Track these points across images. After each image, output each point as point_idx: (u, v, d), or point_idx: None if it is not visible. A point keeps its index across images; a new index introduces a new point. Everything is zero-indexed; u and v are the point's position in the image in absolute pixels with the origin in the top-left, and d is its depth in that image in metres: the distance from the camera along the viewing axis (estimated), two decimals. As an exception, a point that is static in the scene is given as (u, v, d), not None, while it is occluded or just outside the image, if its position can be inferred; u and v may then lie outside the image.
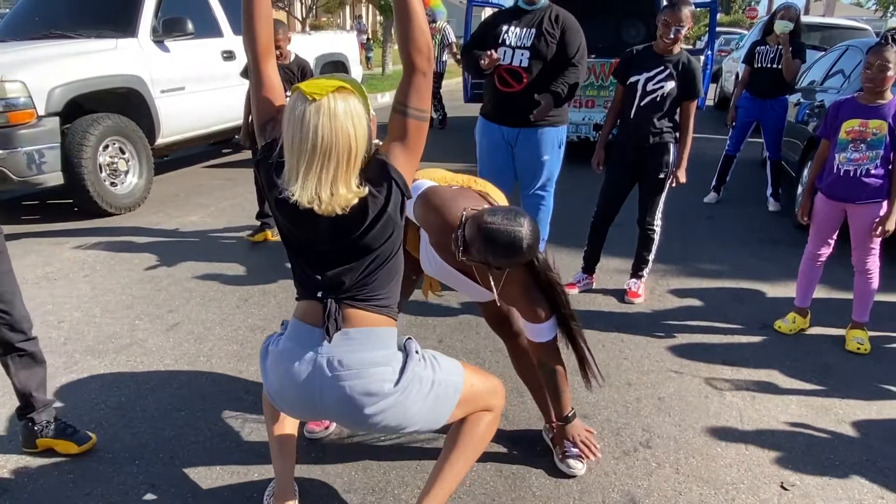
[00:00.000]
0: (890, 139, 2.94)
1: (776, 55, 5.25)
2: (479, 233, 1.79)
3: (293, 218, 1.57)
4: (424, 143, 1.64)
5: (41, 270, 3.97)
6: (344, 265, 1.61)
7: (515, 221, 1.79)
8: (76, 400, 2.61)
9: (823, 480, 2.22)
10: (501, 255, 1.79)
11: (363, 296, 1.63)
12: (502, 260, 1.82)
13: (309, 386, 1.62)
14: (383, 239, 1.59)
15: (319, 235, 1.58)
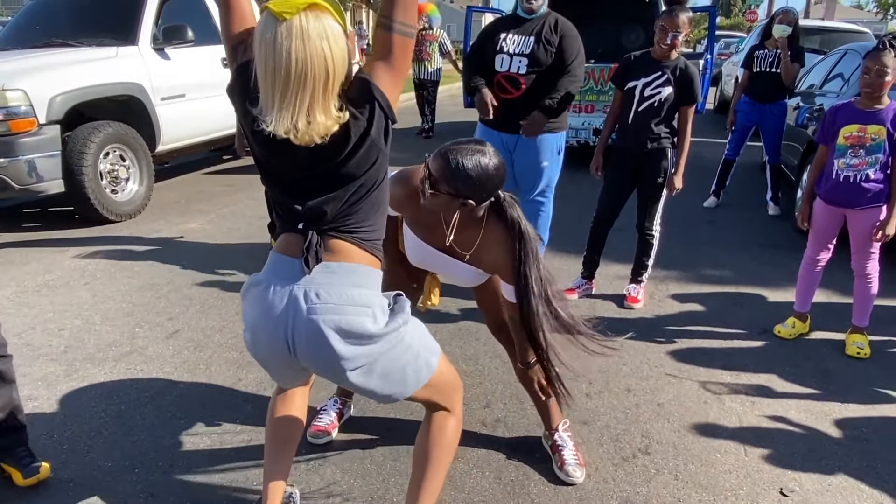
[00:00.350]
0: (888, 144, 2.94)
1: (775, 59, 5.26)
2: (444, 159, 1.74)
3: (270, 148, 1.48)
4: (410, 62, 1.57)
5: (42, 278, 3.98)
6: (325, 194, 1.50)
7: (479, 144, 1.77)
8: (76, 408, 2.61)
9: (823, 486, 2.22)
10: (466, 177, 1.73)
11: (347, 227, 1.53)
12: (470, 183, 1.74)
13: (283, 321, 1.50)
14: (367, 165, 1.48)
15: (299, 164, 1.48)
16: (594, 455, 2.36)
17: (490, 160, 1.75)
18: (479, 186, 1.75)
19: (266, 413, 1.92)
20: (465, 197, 1.76)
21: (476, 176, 1.73)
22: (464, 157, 1.73)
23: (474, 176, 1.73)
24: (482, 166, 1.74)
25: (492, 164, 1.76)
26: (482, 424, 2.54)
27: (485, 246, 1.94)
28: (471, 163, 1.73)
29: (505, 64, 3.64)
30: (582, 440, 2.44)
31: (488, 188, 1.77)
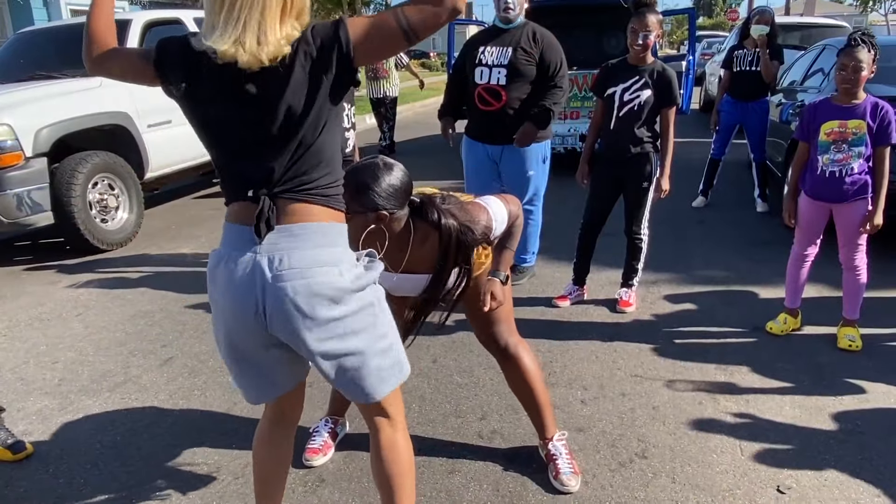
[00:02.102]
0: (869, 137, 2.98)
1: (754, 58, 5.31)
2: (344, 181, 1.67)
3: (210, 92, 1.42)
4: (388, 54, 1.54)
5: (34, 311, 3.98)
6: (270, 153, 1.43)
7: (373, 159, 1.76)
8: (71, 441, 2.60)
9: (819, 482, 2.23)
10: (366, 190, 1.69)
11: (300, 186, 1.45)
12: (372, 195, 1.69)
13: (251, 292, 1.45)
14: (311, 112, 1.41)
15: (243, 112, 1.41)
16: (591, 462, 2.37)
17: (384, 168, 1.73)
18: (381, 196, 1.72)
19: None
20: (374, 209, 1.72)
21: (374, 186, 1.70)
22: (359, 175, 1.72)
23: (374, 187, 1.70)
24: (378, 176, 1.71)
25: (387, 171, 1.73)
26: (479, 436, 2.54)
27: (417, 250, 1.92)
28: (367, 177, 1.71)
29: (485, 76, 3.68)
30: (578, 447, 2.44)
31: (392, 194, 1.73)
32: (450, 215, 1.85)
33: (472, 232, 1.86)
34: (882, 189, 3.00)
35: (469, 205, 1.94)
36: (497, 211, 1.96)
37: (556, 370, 3.03)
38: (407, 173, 1.79)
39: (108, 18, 1.61)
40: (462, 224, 1.85)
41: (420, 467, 2.36)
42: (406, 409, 2.71)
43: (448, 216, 1.84)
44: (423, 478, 2.31)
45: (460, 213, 1.88)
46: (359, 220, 1.74)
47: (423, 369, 3.06)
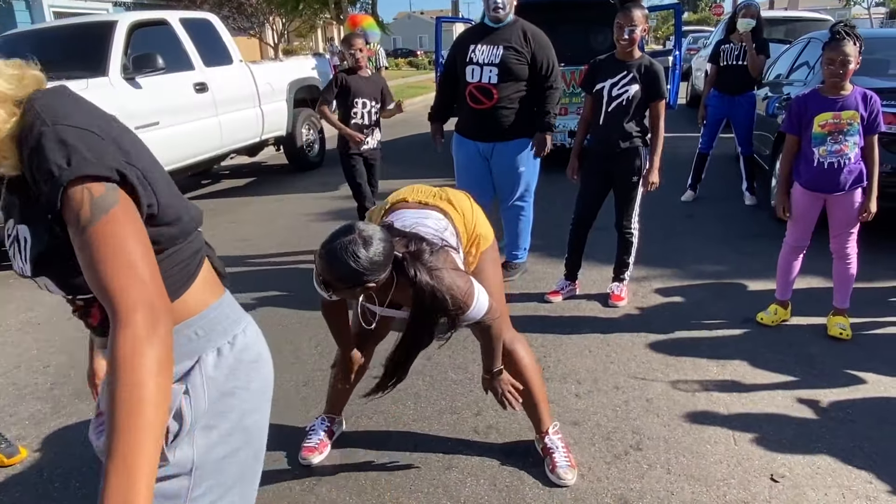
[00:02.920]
0: (861, 127, 3.02)
1: (740, 52, 5.35)
2: (325, 262, 1.69)
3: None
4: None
5: (24, 315, 3.95)
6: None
7: (348, 232, 1.68)
8: (65, 445, 2.59)
9: (812, 470, 2.26)
10: (351, 272, 1.66)
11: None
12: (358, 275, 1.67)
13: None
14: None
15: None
16: (586, 455, 2.38)
17: (363, 244, 1.66)
18: (366, 274, 1.68)
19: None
20: (360, 285, 1.70)
21: (357, 268, 1.66)
22: (338, 258, 1.66)
23: (357, 269, 1.66)
24: (358, 257, 1.65)
25: (367, 247, 1.66)
26: (474, 432, 2.55)
27: (399, 292, 1.86)
28: (348, 259, 1.65)
29: (476, 75, 3.69)
30: (574, 441, 2.46)
31: (376, 269, 1.69)
32: (429, 275, 1.77)
33: (446, 300, 1.79)
34: (875, 176, 3.06)
35: (455, 272, 1.86)
36: (481, 295, 1.89)
37: (550, 365, 3.05)
38: (386, 238, 1.72)
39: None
40: (437, 288, 1.78)
41: (416, 464, 2.37)
42: (401, 406, 2.73)
43: (425, 275, 1.76)
44: (420, 474, 2.32)
45: (443, 274, 1.80)
46: (344, 292, 1.78)
47: (417, 366, 3.04)
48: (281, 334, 3.48)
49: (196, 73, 6.28)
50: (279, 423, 2.66)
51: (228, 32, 7.16)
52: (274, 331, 3.53)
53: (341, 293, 1.79)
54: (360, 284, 1.71)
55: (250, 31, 22.37)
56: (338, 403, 2.53)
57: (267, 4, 20.22)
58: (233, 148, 6.94)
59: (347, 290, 1.75)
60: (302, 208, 6.17)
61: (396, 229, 1.89)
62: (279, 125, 7.52)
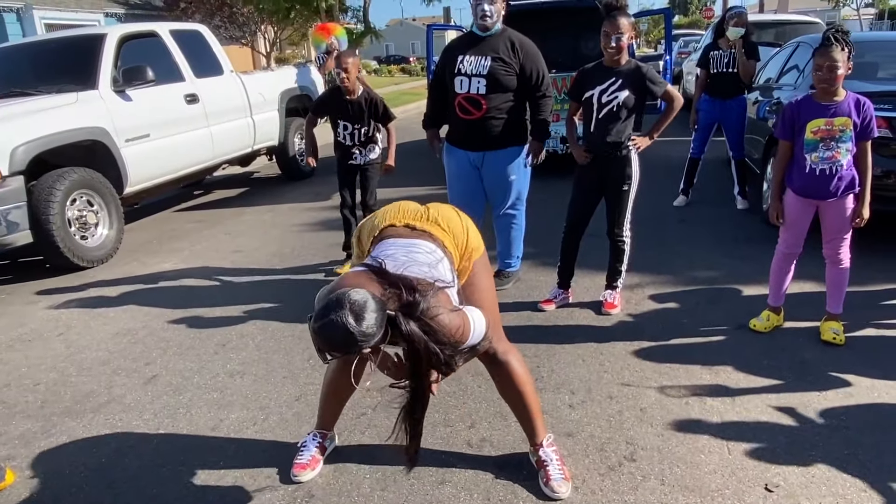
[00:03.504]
0: (853, 133, 3.01)
1: (730, 59, 5.37)
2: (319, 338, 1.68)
3: None
4: None
5: (15, 332, 3.92)
6: None
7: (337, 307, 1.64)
8: (56, 465, 2.56)
9: (807, 479, 2.25)
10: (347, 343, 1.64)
11: None
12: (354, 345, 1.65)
13: None
14: None
15: None
16: (580, 467, 2.37)
17: (356, 317, 1.63)
18: (362, 342, 1.65)
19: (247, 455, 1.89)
20: (356, 352, 1.68)
21: (353, 342, 1.64)
22: (335, 336, 1.64)
23: (352, 343, 1.64)
24: (351, 332, 1.62)
25: (360, 320, 1.63)
26: (468, 445, 2.54)
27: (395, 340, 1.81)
28: (344, 335, 1.63)
29: (464, 85, 3.69)
30: (567, 452, 2.44)
31: (371, 337, 1.66)
32: (422, 328, 1.73)
33: (440, 352, 1.76)
34: (867, 182, 3.05)
35: (451, 312, 1.83)
36: (476, 322, 1.88)
37: (544, 375, 3.03)
38: (379, 307, 1.68)
39: None
40: (430, 340, 1.74)
41: (410, 479, 2.35)
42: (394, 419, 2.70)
43: (418, 330, 1.72)
44: (413, 489, 2.30)
45: (437, 326, 1.76)
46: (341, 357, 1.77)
47: (410, 379, 3.04)
48: (273, 348, 3.46)
49: (187, 84, 6.27)
50: (272, 439, 2.64)
51: (219, 43, 7.15)
52: (266, 344, 3.51)
53: (337, 358, 1.78)
54: (355, 352, 1.69)
55: (242, 40, 22.36)
56: (329, 418, 2.51)
57: (259, 13, 20.21)
58: (224, 159, 6.93)
59: (343, 356, 1.74)
60: (294, 219, 6.16)
61: (389, 276, 1.81)
62: (271, 135, 7.51)
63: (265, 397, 2.97)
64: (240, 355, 3.41)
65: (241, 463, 2.49)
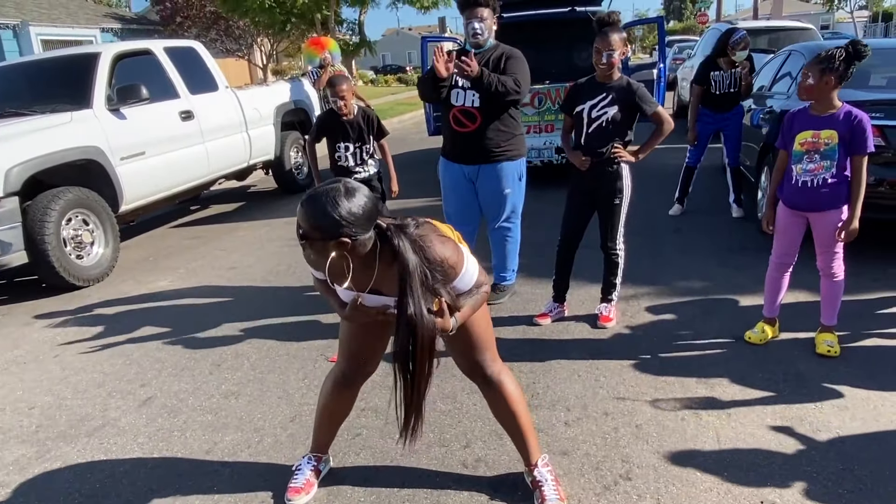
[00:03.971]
0: (842, 148, 2.97)
1: (731, 80, 5.39)
2: (303, 208, 1.72)
3: None
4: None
5: (10, 354, 3.91)
6: None
7: (335, 182, 1.72)
8: (49, 492, 2.55)
9: (803, 496, 2.24)
10: (325, 217, 1.68)
11: None
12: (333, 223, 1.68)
13: None
14: None
15: None
16: (576, 486, 2.36)
17: (346, 193, 1.70)
18: (342, 223, 1.69)
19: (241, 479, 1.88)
20: (335, 238, 1.70)
21: (334, 213, 1.68)
22: (318, 201, 1.70)
23: (334, 214, 1.68)
24: (338, 203, 1.68)
25: (349, 197, 1.70)
26: (463, 465, 2.53)
27: (384, 271, 1.86)
28: (326, 203, 1.68)
29: (459, 98, 3.71)
30: (563, 472, 2.43)
31: (354, 221, 1.70)
32: (413, 245, 1.78)
33: (432, 270, 1.79)
34: (859, 199, 2.98)
35: (443, 239, 1.88)
36: (470, 265, 1.90)
37: (539, 391, 3.03)
38: (372, 197, 1.76)
39: None
40: (423, 258, 1.78)
41: (404, 501, 2.34)
42: (389, 440, 2.70)
43: (409, 244, 1.77)
44: (408, 512, 2.29)
45: (429, 244, 1.81)
46: (318, 246, 1.73)
47: (405, 397, 3.03)
48: (268, 367, 3.45)
49: (181, 101, 6.29)
50: (266, 461, 2.63)
51: (213, 59, 7.17)
52: (261, 363, 3.50)
53: (316, 250, 1.74)
54: (335, 237, 1.69)
55: (238, 53, 22.45)
56: (324, 440, 2.50)
57: (254, 26, 20.29)
58: (220, 174, 6.93)
59: (322, 242, 1.72)
60: (291, 233, 6.15)
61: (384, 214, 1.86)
62: (267, 150, 7.52)
63: (259, 419, 2.96)
64: (235, 375, 3.40)
65: (236, 487, 2.48)
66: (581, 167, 3.51)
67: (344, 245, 1.72)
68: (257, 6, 17.75)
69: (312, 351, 3.61)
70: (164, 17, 21.70)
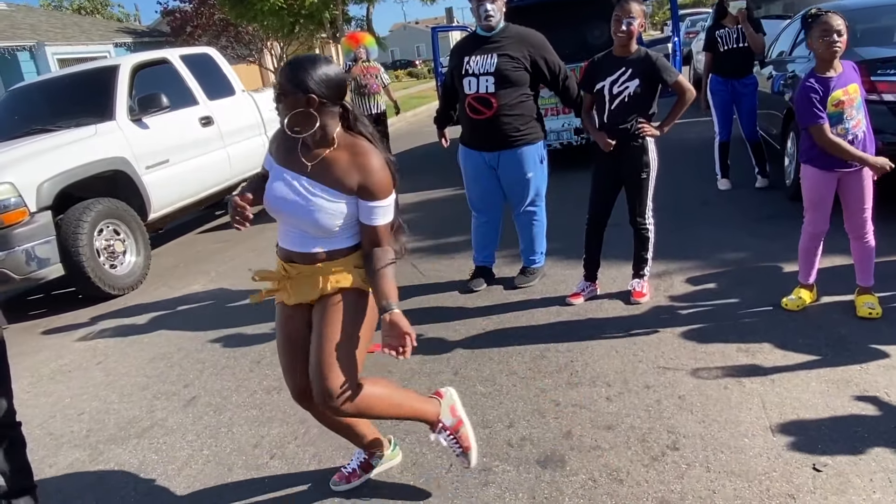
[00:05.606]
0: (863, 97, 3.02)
1: (738, 34, 5.31)
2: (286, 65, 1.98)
3: None
4: None
5: (55, 364, 4.01)
6: None
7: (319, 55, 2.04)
8: (106, 493, 2.62)
9: (855, 456, 2.21)
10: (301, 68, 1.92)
11: None
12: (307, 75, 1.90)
13: None
14: None
15: None
16: (623, 459, 2.36)
17: (323, 61, 1.96)
18: (314, 80, 1.91)
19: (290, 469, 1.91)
20: (306, 91, 1.90)
21: (310, 69, 1.91)
22: (300, 58, 1.97)
23: (310, 70, 1.91)
24: (316, 64, 1.94)
25: (325, 64, 1.96)
26: (508, 445, 2.54)
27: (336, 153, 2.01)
28: (306, 61, 1.95)
29: (473, 86, 3.70)
30: (609, 446, 2.44)
31: (324, 82, 1.92)
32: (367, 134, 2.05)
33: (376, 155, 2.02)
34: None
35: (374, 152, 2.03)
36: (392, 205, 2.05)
37: (578, 369, 3.03)
38: (344, 77, 2.01)
39: None
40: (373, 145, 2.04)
41: (453, 483, 2.37)
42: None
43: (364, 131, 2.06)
44: (458, 493, 2.31)
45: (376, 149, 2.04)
46: (290, 100, 1.93)
47: (445, 383, 3.06)
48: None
49: (201, 107, 6.36)
50: (314, 451, 2.67)
51: (228, 63, 7.23)
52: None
53: (288, 105, 1.94)
54: (305, 91, 1.90)
55: (249, 59, 22.59)
56: (359, 443, 2.38)
57: (264, 31, 20.39)
58: (243, 177, 6.99)
59: (293, 97, 1.91)
60: (316, 231, 6.19)
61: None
62: (286, 150, 7.57)
63: (303, 411, 2.98)
64: (275, 371, 3.43)
65: (286, 478, 2.52)
66: (605, 149, 3.48)
67: (312, 102, 1.92)
68: (266, 9, 17.81)
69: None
70: (174, 28, 21.90)
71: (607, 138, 3.46)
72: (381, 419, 2.26)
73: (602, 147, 3.50)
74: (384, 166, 2.00)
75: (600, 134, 3.50)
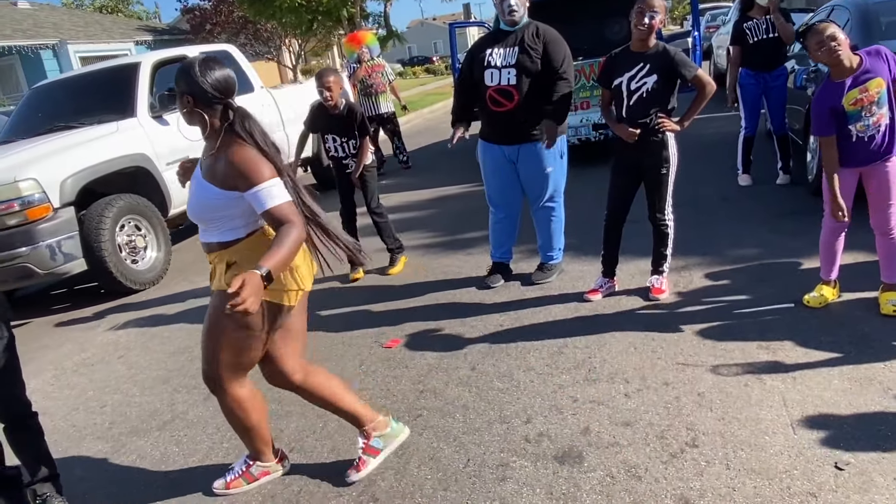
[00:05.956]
0: (890, 89, 2.95)
1: (768, 25, 5.23)
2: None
3: None
4: None
5: (78, 357, 4.07)
6: None
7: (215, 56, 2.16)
8: (129, 484, 2.66)
9: (878, 454, 2.19)
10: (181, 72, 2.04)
11: None
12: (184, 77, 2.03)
13: None
14: None
15: None
16: (641, 455, 2.35)
17: (207, 62, 2.04)
18: (188, 81, 2.01)
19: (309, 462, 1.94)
20: (182, 93, 2.04)
21: (190, 70, 2.02)
22: (190, 59, 2.07)
23: (189, 70, 2.02)
24: (195, 63, 2.03)
25: (208, 67, 2.02)
26: (525, 441, 2.54)
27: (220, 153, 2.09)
28: (192, 61, 2.04)
29: (495, 78, 3.69)
30: (627, 442, 2.43)
31: (198, 84, 2.01)
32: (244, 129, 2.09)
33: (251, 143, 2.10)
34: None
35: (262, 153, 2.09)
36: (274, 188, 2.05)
37: (596, 365, 3.02)
38: (231, 79, 2.07)
39: None
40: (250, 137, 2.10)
41: (470, 478, 2.37)
42: (450, 419, 2.73)
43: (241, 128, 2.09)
44: (475, 488, 2.32)
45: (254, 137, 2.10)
46: (177, 98, 2.10)
47: (462, 378, 3.06)
48: (325, 355, 3.51)
49: (220, 104, 6.39)
50: (331, 445, 2.69)
51: (247, 60, 7.28)
52: (319, 352, 3.56)
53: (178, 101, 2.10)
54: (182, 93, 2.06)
55: (267, 56, 22.73)
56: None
57: (282, 28, 20.49)
58: (262, 174, 7.05)
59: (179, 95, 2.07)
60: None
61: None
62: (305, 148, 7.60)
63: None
64: (293, 366, 3.47)
65: (304, 470, 2.54)
66: (629, 139, 3.42)
67: (185, 104, 2.05)
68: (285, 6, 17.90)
69: (367, 338, 3.65)
70: (194, 26, 22.11)
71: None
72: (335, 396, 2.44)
73: (625, 138, 3.44)
74: (248, 156, 2.06)
75: (621, 126, 3.46)
